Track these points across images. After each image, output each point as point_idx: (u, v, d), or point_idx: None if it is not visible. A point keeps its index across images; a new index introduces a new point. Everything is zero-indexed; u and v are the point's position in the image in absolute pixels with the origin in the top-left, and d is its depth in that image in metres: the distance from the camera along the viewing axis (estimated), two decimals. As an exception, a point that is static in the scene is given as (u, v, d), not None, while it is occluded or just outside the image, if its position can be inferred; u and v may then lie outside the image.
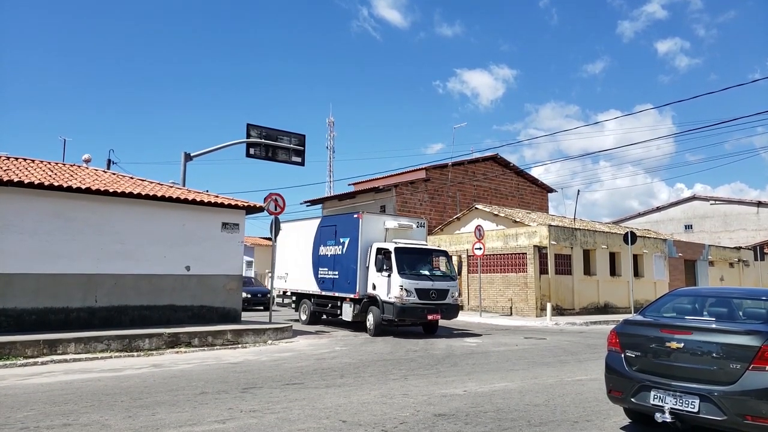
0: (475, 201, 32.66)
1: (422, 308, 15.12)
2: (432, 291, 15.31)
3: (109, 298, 13.30)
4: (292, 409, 6.75)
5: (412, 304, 14.98)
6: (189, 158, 19.21)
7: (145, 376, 9.21)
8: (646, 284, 28.25)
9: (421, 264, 15.90)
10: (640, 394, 5.49)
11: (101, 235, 13.27)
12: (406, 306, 14.92)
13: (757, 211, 43.36)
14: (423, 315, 15.18)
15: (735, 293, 6.60)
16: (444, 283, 15.75)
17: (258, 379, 8.83)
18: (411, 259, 15.62)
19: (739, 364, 4.93)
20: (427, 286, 15.30)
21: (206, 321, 14.50)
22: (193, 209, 14.63)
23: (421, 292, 15.12)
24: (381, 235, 16.53)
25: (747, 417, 4.81)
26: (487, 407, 6.97)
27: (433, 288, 15.37)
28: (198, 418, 6.29)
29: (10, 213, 12.17)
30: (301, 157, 20.75)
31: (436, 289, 15.42)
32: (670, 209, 47.87)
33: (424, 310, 15.14)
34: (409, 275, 15.14)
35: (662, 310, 6.22)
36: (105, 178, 14.90)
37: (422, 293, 15.14)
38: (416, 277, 15.26)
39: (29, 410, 6.62)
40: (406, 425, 6.05)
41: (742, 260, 35.94)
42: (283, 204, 16.85)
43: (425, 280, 15.39)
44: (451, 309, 15.82)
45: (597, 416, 6.62)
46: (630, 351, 5.72)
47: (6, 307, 11.96)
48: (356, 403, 7.15)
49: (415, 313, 15.11)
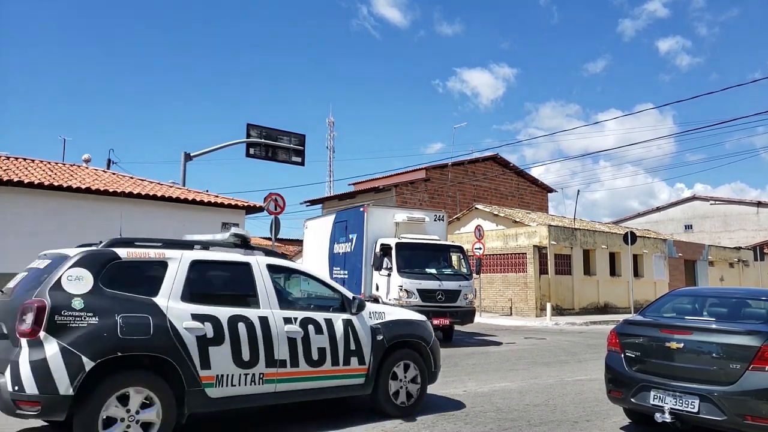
0: (475, 201, 32.67)
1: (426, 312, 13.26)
2: (438, 292, 13.56)
3: (109, 298, 13.29)
4: (291, 409, 6.74)
5: (414, 306, 13.23)
6: (189, 158, 19.21)
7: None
8: (646, 284, 28.26)
9: (428, 261, 14.17)
10: (640, 394, 5.49)
11: (101, 235, 13.22)
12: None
13: (757, 211, 43.38)
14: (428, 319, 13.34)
15: (735, 293, 6.61)
16: (454, 283, 13.84)
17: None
18: (415, 256, 13.95)
19: (739, 364, 4.92)
20: (432, 286, 13.59)
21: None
22: (193, 209, 14.64)
23: (424, 294, 13.44)
24: (390, 230, 14.68)
25: (747, 417, 4.81)
26: (487, 407, 6.97)
27: (441, 289, 13.61)
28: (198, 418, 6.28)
29: (10, 213, 12.18)
30: (301, 157, 20.76)
31: (444, 290, 13.62)
32: (670, 209, 47.89)
33: (429, 314, 13.23)
34: (411, 274, 13.53)
35: (662, 310, 6.22)
36: (105, 177, 14.91)
37: (426, 295, 13.45)
38: (419, 276, 13.60)
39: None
40: (406, 425, 6.05)
41: (742, 260, 35.96)
42: (283, 204, 16.82)
43: (430, 279, 13.68)
44: (464, 313, 13.89)
45: (597, 416, 6.62)
46: (630, 351, 5.72)
47: (6, 307, 11.96)
48: (356, 402, 7.14)
49: None
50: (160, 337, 4.81)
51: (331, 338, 5.84)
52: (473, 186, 35.04)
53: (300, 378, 5.61)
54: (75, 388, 4.40)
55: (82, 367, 4.43)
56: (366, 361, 6.07)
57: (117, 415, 4.58)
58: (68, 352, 4.42)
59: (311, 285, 6.46)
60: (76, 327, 4.53)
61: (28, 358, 4.39)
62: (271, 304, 5.58)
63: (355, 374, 6.02)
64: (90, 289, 4.72)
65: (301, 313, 5.79)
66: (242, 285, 5.59)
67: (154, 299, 4.94)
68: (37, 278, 4.87)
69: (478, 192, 35.13)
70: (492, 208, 30.66)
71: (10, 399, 4.39)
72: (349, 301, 6.19)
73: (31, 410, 4.42)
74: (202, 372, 4.96)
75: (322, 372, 5.76)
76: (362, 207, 15.07)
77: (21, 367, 4.38)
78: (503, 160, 37.25)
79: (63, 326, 4.48)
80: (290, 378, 5.54)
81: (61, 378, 4.38)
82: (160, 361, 4.83)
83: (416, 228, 14.90)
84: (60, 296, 4.58)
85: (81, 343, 4.48)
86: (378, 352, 6.16)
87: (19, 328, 4.47)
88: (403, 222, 14.76)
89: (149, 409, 4.72)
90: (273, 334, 5.44)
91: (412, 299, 13.23)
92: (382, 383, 6.21)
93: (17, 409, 4.43)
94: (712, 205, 45.58)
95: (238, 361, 5.18)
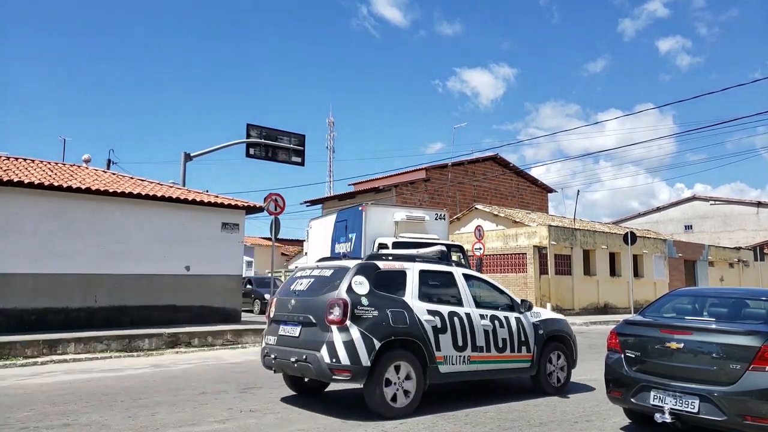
0: (475, 201, 32.66)
1: None
2: None
3: (109, 298, 13.31)
4: (292, 409, 6.75)
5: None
6: (189, 158, 19.22)
7: (145, 376, 9.21)
8: (646, 284, 28.25)
9: None
10: (639, 394, 5.49)
11: (101, 235, 13.28)
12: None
13: (757, 211, 43.36)
14: None
15: (735, 293, 6.60)
16: None
17: (258, 379, 8.83)
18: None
19: (739, 364, 4.92)
20: None
21: (206, 321, 14.49)
22: (193, 209, 14.64)
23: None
24: (389, 229, 14.42)
25: (747, 417, 4.80)
26: (487, 407, 6.97)
27: None
28: (198, 418, 6.29)
29: (10, 213, 12.17)
30: (301, 157, 20.77)
31: None
32: (670, 209, 47.86)
33: None
34: None
35: (662, 310, 6.22)
36: (105, 178, 14.90)
37: None
38: None
39: (29, 410, 6.62)
40: (406, 425, 6.05)
41: (742, 260, 35.94)
42: (283, 204, 16.82)
43: None
44: None
45: (597, 416, 6.62)
46: (630, 351, 5.72)
47: (6, 307, 11.97)
48: (356, 402, 7.15)
49: None
50: (414, 326, 6.52)
51: (509, 331, 7.46)
52: (473, 186, 35.03)
53: (490, 361, 7.26)
54: (371, 360, 6.12)
55: (374, 346, 6.16)
56: (531, 350, 7.65)
57: (392, 379, 6.31)
58: (365, 336, 6.16)
59: (489, 289, 7.84)
60: (367, 318, 6.27)
61: (341, 339, 6.11)
62: (470, 303, 7.26)
63: (524, 360, 7.60)
64: (368, 290, 6.46)
65: (488, 311, 7.39)
66: (450, 288, 7.29)
67: (403, 298, 6.67)
68: (329, 283, 6.59)
69: (478, 192, 35.12)
70: (492, 208, 30.66)
71: (327, 368, 6.11)
72: (517, 303, 7.78)
73: (344, 376, 6.14)
74: (436, 353, 6.64)
75: (504, 357, 7.38)
76: (361, 206, 14.69)
77: (336, 346, 6.10)
78: (503, 160, 37.24)
79: (359, 317, 6.23)
80: (484, 360, 7.19)
81: (363, 353, 6.11)
82: (413, 344, 6.50)
83: (416, 227, 14.58)
84: (353, 296, 6.31)
85: (371, 329, 6.23)
86: (539, 342, 7.74)
87: (328, 318, 6.22)
88: (403, 221, 14.48)
89: (409, 380, 6.43)
90: (475, 326, 7.10)
91: None
92: (542, 368, 7.77)
93: (333, 376, 6.16)
94: (712, 206, 45.55)
95: (456, 346, 6.85)
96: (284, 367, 6.79)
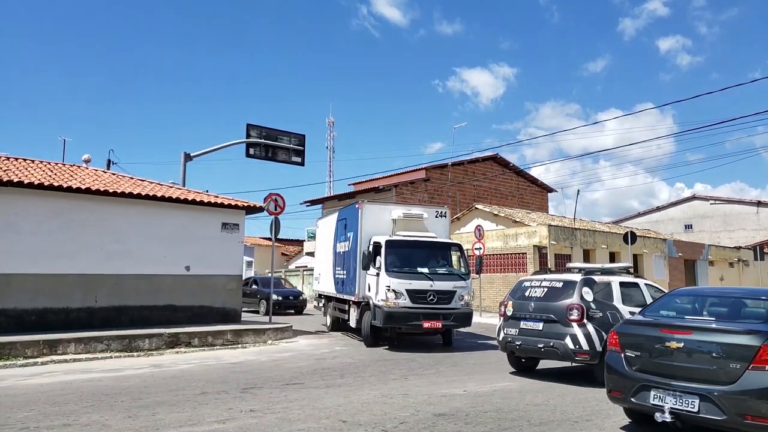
0: (475, 201, 32.66)
1: (416, 314, 12.44)
2: (430, 293, 12.57)
3: (109, 298, 13.31)
4: (291, 409, 6.75)
5: (402, 308, 12.39)
6: (189, 158, 19.22)
7: (145, 376, 9.21)
8: (646, 284, 28.19)
9: (421, 260, 13.14)
10: (640, 393, 5.50)
11: (101, 235, 13.28)
12: (394, 311, 12.32)
13: (757, 210, 43.35)
14: (417, 322, 12.47)
15: (735, 293, 6.60)
16: (448, 284, 12.84)
17: (258, 379, 8.84)
18: (406, 255, 12.99)
19: (738, 363, 4.93)
20: (422, 286, 12.59)
21: (206, 321, 14.49)
22: (192, 209, 14.63)
23: (413, 294, 12.48)
24: (387, 227, 13.81)
25: (747, 417, 4.81)
26: (487, 407, 6.98)
27: (432, 289, 12.60)
28: (198, 418, 6.29)
29: (10, 213, 12.17)
30: (301, 157, 20.77)
31: (437, 290, 12.61)
32: (670, 209, 47.84)
33: (419, 316, 12.44)
34: (400, 273, 12.55)
35: (662, 310, 6.23)
36: (105, 178, 14.90)
37: (415, 295, 12.50)
38: (409, 275, 12.61)
39: (29, 410, 6.62)
40: (406, 425, 6.06)
41: (742, 260, 35.94)
42: (283, 204, 16.84)
43: (421, 279, 12.68)
44: (459, 316, 12.82)
45: (597, 416, 6.62)
46: (630, 351, 5.73)
47: (6, 307, 11.97)
48: (356, 403, 7.15)
49: (406, 319, 12.43)
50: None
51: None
52: (473, 186, 35.04)
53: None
54: (602, 347, 8.23)
55: (603, 338, 8.25)
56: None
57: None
58: (597, 330, 8.56)
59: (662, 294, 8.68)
60: (595, 317, 8.71)
61: (581, 333, 8.59)
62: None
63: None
64: (592, 298, 8.87)
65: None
66: (637, 295, 9.40)
67: (613, 303, 9.03)
68: (563, 292, 9.02)
69: (478, 192, 35.13)
70: (492, 208, 30.66)
71: (572, 353, 8.59)
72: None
73: (583, 358, 8.60)
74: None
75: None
76: (358, 204, 14.24)
77: (579, 337, 8.60)
78: (503, 160, 37.26)
79: (591, 317, 8.68)
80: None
81: (597, 342, 8.50)
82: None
83: (415, 225, 13.97)
84: (585, 302, 8.75)
85: (600, 325, 8.59)
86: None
87: (569, 318, 8.68)
88: (400, 219, 13.89)
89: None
90: None
91: (401, 300, 12.42)
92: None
93: (576, 357, 8.64)
94: (712, 205, 45.54)
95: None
96: (529, 351, 9.26)
